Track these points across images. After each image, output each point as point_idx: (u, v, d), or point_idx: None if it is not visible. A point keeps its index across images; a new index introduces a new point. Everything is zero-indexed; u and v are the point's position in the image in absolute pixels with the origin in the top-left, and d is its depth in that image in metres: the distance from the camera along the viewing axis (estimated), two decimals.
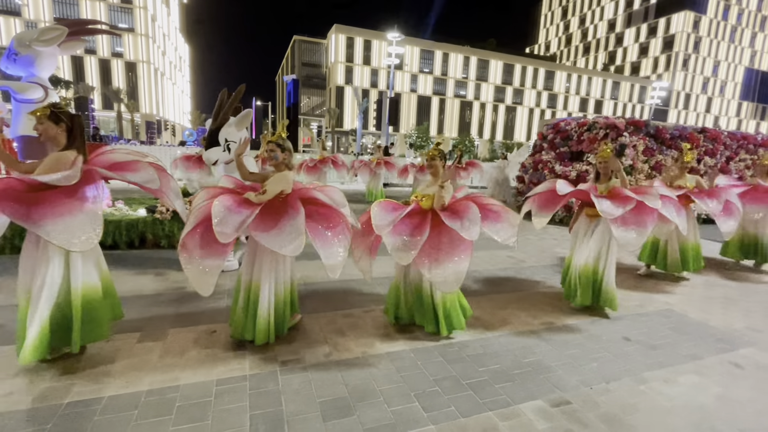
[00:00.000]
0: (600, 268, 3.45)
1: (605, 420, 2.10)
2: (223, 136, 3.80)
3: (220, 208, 2.28)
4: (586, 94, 62.42)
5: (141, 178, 2.30)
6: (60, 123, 2.30)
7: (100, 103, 40.17)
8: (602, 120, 8.35)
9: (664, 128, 8.55)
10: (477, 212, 2.64)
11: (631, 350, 2.91)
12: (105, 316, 2.43)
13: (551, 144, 9.19)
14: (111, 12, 41.09)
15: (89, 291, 2.33)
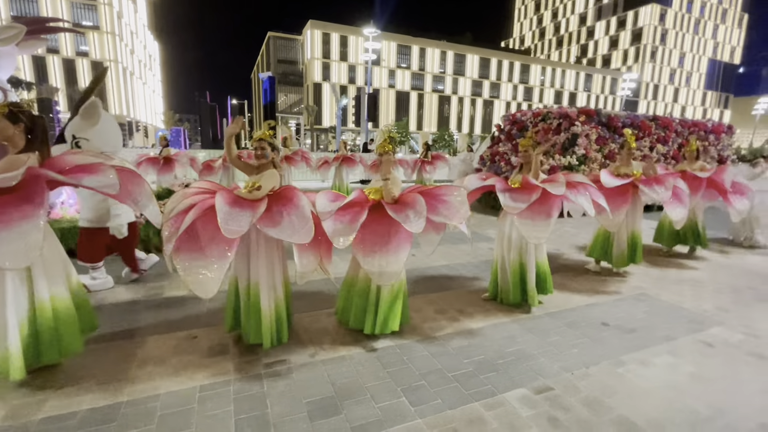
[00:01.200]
0: (525, 262, 3.36)
1: (586, 404, 2.16)
2: (70, 132, 3.38)
3: (223, 206, 2.24)
4: (560, 87, 63.78)
5: (98, 182, 2.11)
6: (18, 123, 2.17)
7: (65, 104, 38.50)
8: (556, 110, 8.38)
9: (616, 116, 8.59)
10: (423, 205, 2.60)
11: (609, 335, 3.01)
12: (77, 328, 2.33)
13: (508, 135, 9.16)
14: (74, 9, 39.31)
15: (58, 304, 2.24)
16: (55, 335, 2.22)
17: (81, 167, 2.18)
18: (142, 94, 51.38)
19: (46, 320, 2.18)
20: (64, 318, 2.25)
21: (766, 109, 43.73)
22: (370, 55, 27.43)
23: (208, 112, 25.73)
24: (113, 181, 2.11)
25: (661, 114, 10.40)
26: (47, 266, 2.21)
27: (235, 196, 2.45)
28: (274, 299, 2.61)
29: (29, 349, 2.16)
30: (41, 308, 2.17)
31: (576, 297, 3.78)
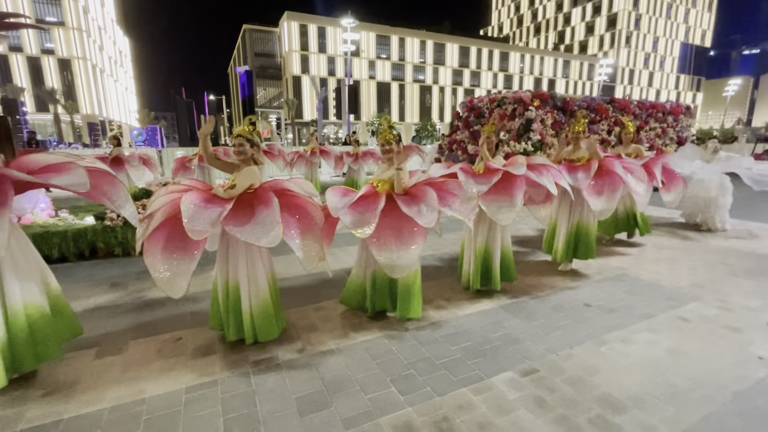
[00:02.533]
0: (491, 249, 3.38)
1: (571, 383, 2.22)
2: None
3: (188, 205, 2.18)
4: (539, 74, 64.37)
5: (68, 181, 2.03)
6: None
7: (32, 105, 36.91)
8: (511, 95, 8.28)
9: (572, 100, 8.49)
10: (434, 198, 2.65)
11: (592, 315, 3.09)
12: (54, 335, 2.26)
13: (465, 123, 9.04)
14: (35, 4, 37.50)
15: (33, 311, 2.16)
16: (30, 342, 2.14)
17: (49, 167, 2.10)
18: (114, 92, 49.63)
19: (20, 328, 2.10)
20: (39, 325, 2.18)
21: (736, 90, 45.17)
22: (348, 46, 27.09)
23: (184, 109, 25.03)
24: (83, 179, 2.04)
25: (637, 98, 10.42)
26: (20, 272, 2.12)
27: (209, 195, 2.39)
28: (257, 297, 2.57)
29: (5, 357, 2.08)
30: (14, 315, 2.09)
31: (559, 280, 3.86)
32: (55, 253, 4.30)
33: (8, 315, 2.08)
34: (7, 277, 2.07)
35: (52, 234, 4.30)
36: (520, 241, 5.28)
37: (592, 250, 3.99)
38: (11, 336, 2.10)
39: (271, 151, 8.49)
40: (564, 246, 3.99)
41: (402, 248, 2.62)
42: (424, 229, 2.66)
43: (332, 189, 2.73)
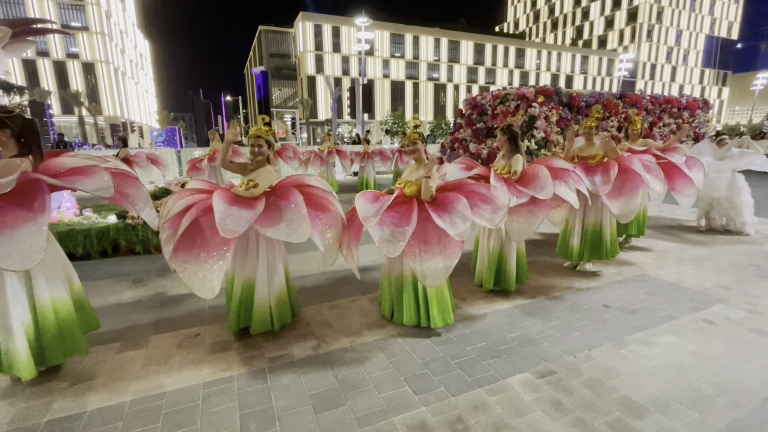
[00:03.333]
0: (505, 251, 3.32)
1: (589, 386, 2.17)
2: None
3: (221, 206, 2.24)
4: (556, 70, 63.21)
5: (93, 185, 2.09)
6: (4, 128, 2.14)
7: (59, 108, 38.22)
8: (514, 91, 7.99)
9: (578, 95, 8.14)
10: (467, 207, 2.54)
11: (611, 317, 3.01)
12: (79, 330, 2.34)
13: (468, 120, 8.74)
14: (61, 10, 38.80)
15: (59, 306, 2.23)
16: (58, 337, 2.22)
17: (76, 170, 2.15)
18: (135, 94, 50.97)
19: (49, 322, 2.18)
20: (65, 320, 2.25)
21: (765, 84, 43.36)
22: (363, 45, 27.10)
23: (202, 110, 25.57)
24: (108, 183, 2.11)
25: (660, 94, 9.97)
26: (47, 270, 2.20)
27: (233, 195, 2.44)
28: (276, 288, 2.66)
29: (34, 350, 2.16)
30: (42, 311, 2.17)
31: (577, 281, 3.78)
32: (79, 250, 4.44)
33: (37, 310, 2.16)
34: (36, 274, 2.14)
35: (77, 232, 4.45)
36: (536, 241, 5.19)
37: (614, 249, 3.90)
38: (40, 330, 2.18)
39: (285, 151, 8.55)
40: (578, 247, 3.90)
41: (434, 258, 2.53)
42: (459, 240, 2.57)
43: (362, 194, 2.68)
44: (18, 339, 2.07)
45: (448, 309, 2.82)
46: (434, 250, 2.55)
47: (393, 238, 2.51)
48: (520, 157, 3.24)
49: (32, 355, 2.15)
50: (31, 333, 2.15)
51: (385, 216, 2.60)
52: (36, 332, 2.17)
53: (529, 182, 3.11)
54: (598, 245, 3.88)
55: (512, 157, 3.26)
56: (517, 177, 3.17)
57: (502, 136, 3.32)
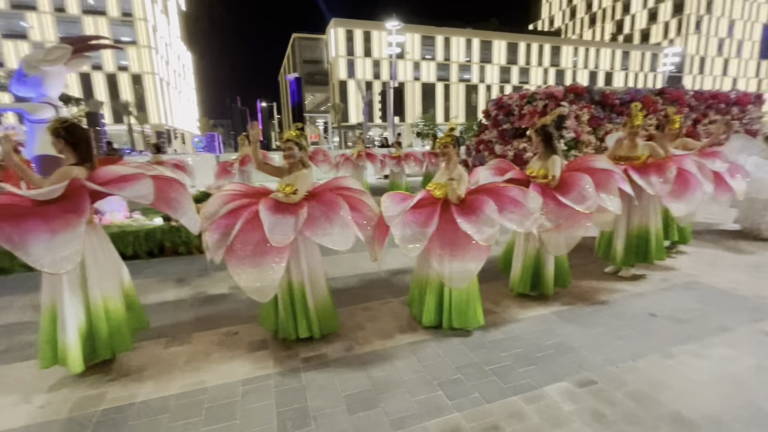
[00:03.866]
0: (543, 255, 3.21)
1: (634, 398, 2.06)
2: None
3: (267, 215, 2.32)
4: (594, 67, 60.66)
5: (134, 192, 2.19)
6: (59, 138, 2.30)
7: (110, 117, 40.96)
8: (542, 90, 7.65)
9: (612, 93, 7.69)
10: (494, 210, 2.51)
11: (657, 326, 2.85)
12: (128, 327, 2.48)
13: (494, 121, 8.46)
14: (113, 26, 41.60)
15: (110, 304, 2.38)
16: (107, 334, 2.37)
17: (122, 177, 2.27)
18: (178, 103, 53.79)
19: (100, 319, 2.33)
20: (115, 318, 2.40)
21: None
22: (393, 49, 27.24)
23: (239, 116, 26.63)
24: (146, 191, 2.20)
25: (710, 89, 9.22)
26: (100, 269, 2.36)
27: (275, 202, 2.50)
28: (319, 294, 2.71)
29: (86, 345, 2.32)
30: (95, 308, 2.32)
31: (619, 286, 3.61)
32: (129, 251, 4.73)
33: (90, 307, 2.32)
34: (90, 272, 2.31)
35: (126, 233, 4.75)
36: None
37: (660, 253, 3.70)
38: (92, 326, 2.34)
39: (316, 155, 8.76)
40: (623, 250, 3.70)
41: (459, 261, 2.53)
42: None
43: (389, 195, 2.72)
44: (71, 334, 2.22)
45: (474, 311, 2.79)
46: (460, 253, 2.55)
47: (414, 238, 2.54)
48: (558, 159, 3.09)
49: (85, 349, 2.30)
50: (84, 329, 2.30)
51: (409, 216, 2.62)
52: (88, 328, 2.32)
53: (569, 190, 2.95)
54: (644, 248, 3.68)
55: (549, 159, 3.14)
56: (555, 183, 3.04)
57: (536, 137, 3.22)
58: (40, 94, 4.31)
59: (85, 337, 2.31)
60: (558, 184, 3.03)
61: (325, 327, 2.74)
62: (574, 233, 3.00)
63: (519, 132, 7.89)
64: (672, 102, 8.13)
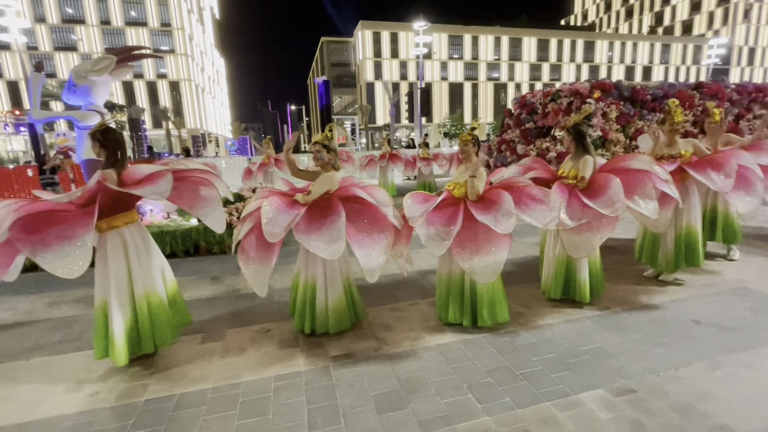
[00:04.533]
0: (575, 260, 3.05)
1: (676, 409, 1.96)
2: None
3: (269, 209, 2.39)
4: (631, 62, 58.04)
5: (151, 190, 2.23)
6: (94, 141, 2.43)
7: (150, 122, 43.10)
8: (567, 87, 7.29)
9: (643, 88, 7.22)
10: (510, 203, 2.52)
11: (702, 333, 2.69)
12: (169, 323, 2.59)
13: (517, 121, 8.15)
14: (153, 36, 43.80)
15: (154, 300, 2.51)
16: (150, 328, 2.50)
17: (148, 177, 2.33)
18: (212, 108, 55.91)
19: (144, 315, 2.46)
20: (158, 313, 2.53)
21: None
22: (420, 50, 27.15)
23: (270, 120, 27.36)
24: (161, 189, 2.23)
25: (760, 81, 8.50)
26: (144, 267, 2.49)
27: (290, 200, 2.57)
28: (333, 294, 2.74)
29: (131, 339, 2.45)
30: (139, 304, 2.45)
31: (659, 291, 3.44)
32: (167, 249, 4.97)
33: (135, 302, 2.46)
34: (134, 269, 2.44)
35: (165, 233, 4.99)
36: (608, 246, 4.80)
37: (700, 256, 3.48)
38: (136, 321, 2.47)
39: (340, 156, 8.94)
40: (673, 254, 3.48)
41: (482, 255, 2.55)
42: (505, 235, 2.56)
43: (411, 195, 2.73)
44: (117, 329, 2.36)
45: (501, 305, 2.82)
46: (483, 247, 2.57)
47: (438, 237, 2.55)
48: (590, 159, 2.99)
49: (128, 345, 2.43)
50: (130, 324, 2.43)
51: (432, 216, 2.62)
52: (134, 323, 2.46)
53: (597, 193, 2.83)
54: (692, 251, 3.47)
55: (581, 159, 3.03)
56: (584, 184, 2.93)
57: (568, 136, 3.12)
58: (88, 102, 4.59)
59: (131, 331, 2.44)
60: (587, 185, 2.93)
61: (334, 326, 2.79)
62: (595, 237, 2.87)
63: (542, 131, 7.64)
64: (710, 96, 7.56)
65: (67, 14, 40.62)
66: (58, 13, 40.19)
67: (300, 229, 2.41)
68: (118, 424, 2.01)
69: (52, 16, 39.97)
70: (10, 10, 18.66)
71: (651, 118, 7.03)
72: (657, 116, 7.00)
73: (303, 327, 2.81)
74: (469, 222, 2.59)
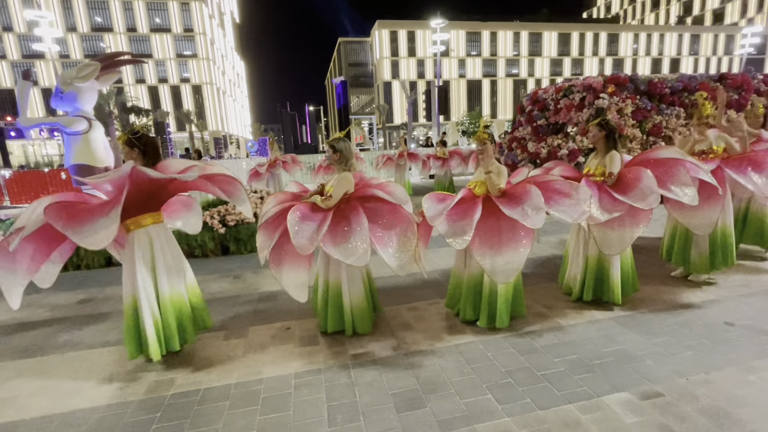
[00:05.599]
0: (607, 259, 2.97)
1: (707, 414, 1.89)
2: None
3: (294, 222, 2.40)
4: (658, 54, 55.96)
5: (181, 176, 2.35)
6: (133, 148, 2.52)
7: (174, 125, 44.39)
8: (579, 82, 7.04)
9: (660, 81, 6.87)
10: (540, 197, 2.46)
11: (735, 336, 2.58)
12: (191, 322, 2.66)
13: (529, 117, 7.92)
14: (177, 42, 45.09)
15: (176, 299, 2.59)
16: (176, 326, 2.57)
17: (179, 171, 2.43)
18: (233, 110, 57.12)
19: (168, 313, 2.54)
20: (181, 312, 2.61)
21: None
22: (438, 47, 26.95)
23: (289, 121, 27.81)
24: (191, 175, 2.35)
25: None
26: (168, 266, 2.57)
27: (311, 206, 2.59)
28: (356, 295, 2.76)
29: (160, 336, 2.54)
30: (163, 302, 2.53)
31: (688, 292, 3.31)
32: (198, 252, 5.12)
33: (160, 302, 2.53)
34: (159, 268, 2.52)
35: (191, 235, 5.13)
36: (634, 244, 4.64)
37: (734, 256, 3.36)
38: (163, 319, 2.55)
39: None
40: (707, 254, 3.33)
41: (503, 254, 2.52)
42: (528, 231, 2.53)
43: (429, 195, 2.73)
44: (148, 328, 2.44)
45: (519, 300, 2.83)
46: (505, 244, 2.54)
47: (460, 230, 2.54)
48: (617, 155, 2.88)
49: (159, 340, 2.51)
50: (156, 321, 2.51)
51: (451, 213, 2.61)
52: (162, 321, 2.53)
53: (628, 188, 2.74)
54: (726, 252, 3.34)
55: (607, 155, 2.95)
56: (613, 180, 2.84)
57: (599, 131, 2.98)
58: (75, 108, 4.66)
59: (159, 328, 2.52)
60: (616, 181, 2.84)
61: (359, 327, 2.80)
62: (629, 232, 2.80)
63: (555, 128, 7.44)
64: (735, 88, 7.14)
65: (96, 23, 42.28)
66: (88, 22, 41.87)
67: (327, 241, 2.42)
68: (147, 416, 2.09)
69: (82, 24, 41.67)
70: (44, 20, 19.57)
71: (670, 113, 6.75)
72: (675, 110, 6.78)
73: (326, 327, 2.82)
74: (491, 218, 2.57)
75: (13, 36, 40.39)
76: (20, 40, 40.45)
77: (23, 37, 39.97)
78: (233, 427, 1.98)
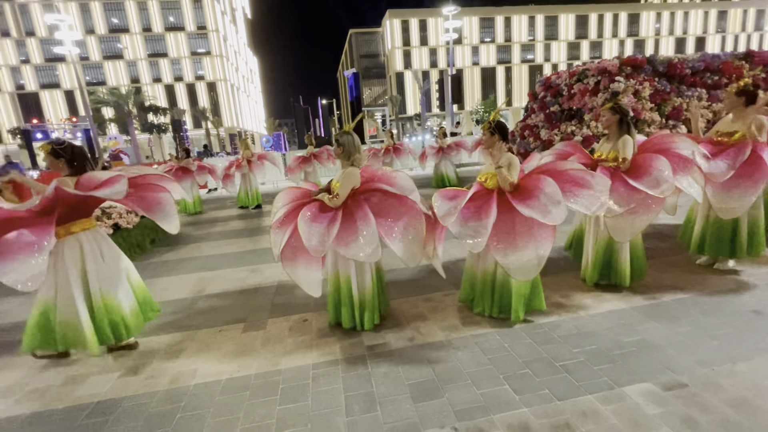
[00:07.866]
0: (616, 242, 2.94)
1: (733, 405, 1.83)
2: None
3: (305, 225, 2.42)
4: (682, 33, 53.64)
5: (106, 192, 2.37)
6: (60, 158, 2.53)
7: (191, 123, 45.17)
8: (594, 65, 6.74)
9: (681, 62, 6.50)
10: (555, 187, 2.35)
11: (763, 325, 2.49)
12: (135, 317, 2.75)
13: (541, 104, 7.64)
14: (190, 40, 45.64)
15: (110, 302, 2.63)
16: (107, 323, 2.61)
17: (105, 181, 2.45)
18: (247, 106, 57.70)
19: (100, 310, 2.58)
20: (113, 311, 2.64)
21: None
22: (450, 35, 26.50)
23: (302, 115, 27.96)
24: (117, 190, 2.37)
25: None
26: (100, 269, 2.61)
27: (320, 205, 2.59)
28: (363, 289, 2.75)
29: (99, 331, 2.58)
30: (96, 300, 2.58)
31: (713, 280, 3.20)
32: None
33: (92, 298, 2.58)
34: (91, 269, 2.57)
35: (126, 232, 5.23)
36: (657, 231, 4.52)
37: (762, 244, 3.21)
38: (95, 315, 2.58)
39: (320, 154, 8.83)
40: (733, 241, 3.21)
41: (519, 251, 2.46)
42: (547, 228, 2.44)
43: (440, 192, 2.67)
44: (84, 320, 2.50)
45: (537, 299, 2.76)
46: (522, 242, 2.46)
47: (474, 232, 2.46)
48: (630, 140, 2.82)
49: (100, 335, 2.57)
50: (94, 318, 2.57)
51: (464, 211, 2.53)
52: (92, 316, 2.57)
53: (641, 174, 2.68)
54: (756, 240, 3.19)
55: (620, 140, 2.86)
56: (627, 165, 2.77)
57: (612, 115, 2.92)
58: None
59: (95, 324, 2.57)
60: (629, 167, 2.77)
61: (367, 321, 2.79)
62: (640, 220, 2.74)
63: (568, 114, 7.18)
64: (762, 66, 6.70)
65: (113, 24, 43.14)
66: (105, 24, 42.76)
67: (337, 241, 2.45)
68: (171, 406, 2.17)
69: (100, 26, 42.59)
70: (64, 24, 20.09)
71: (691, 95, 6.44)
72: (697, 92, 6.45)
73: (337, 320, 2.86)
74: (505, 213, 2.49)
75: (36, 40, 41.62)
76: (42, 44, 41.65)
77: (45, 41, 41.14)
78: (253, 417, 2.03)
